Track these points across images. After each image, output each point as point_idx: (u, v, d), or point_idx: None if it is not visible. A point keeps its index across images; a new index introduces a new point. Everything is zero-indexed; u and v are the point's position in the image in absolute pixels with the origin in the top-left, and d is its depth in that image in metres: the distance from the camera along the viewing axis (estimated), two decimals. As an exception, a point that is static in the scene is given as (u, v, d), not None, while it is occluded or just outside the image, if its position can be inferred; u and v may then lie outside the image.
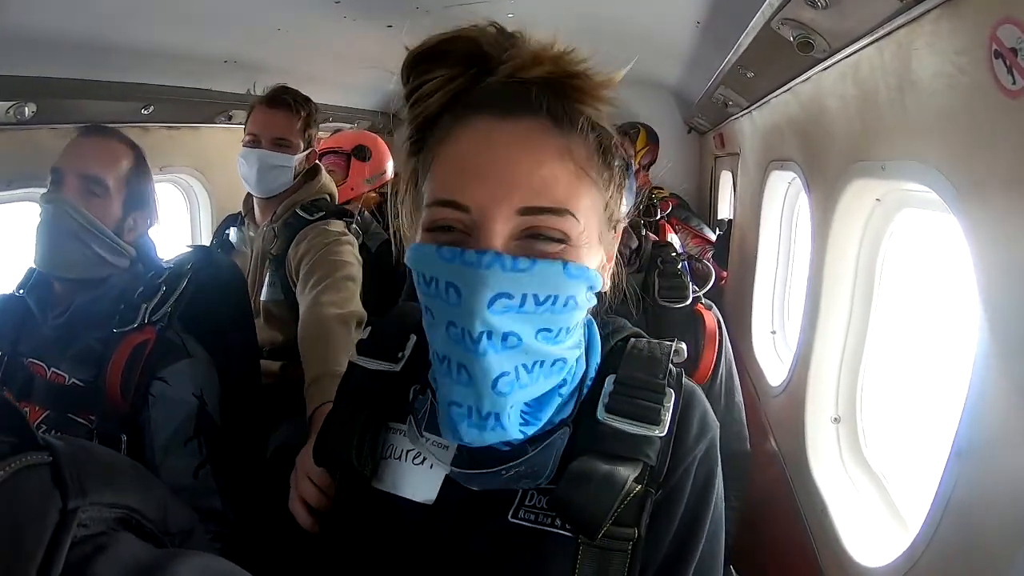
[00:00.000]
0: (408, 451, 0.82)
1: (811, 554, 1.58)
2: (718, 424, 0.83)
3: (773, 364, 2.50)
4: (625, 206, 0.82)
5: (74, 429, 1.33)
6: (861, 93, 1.42)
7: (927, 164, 1.17)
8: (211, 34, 2.03)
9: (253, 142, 2.12)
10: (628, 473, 0.72)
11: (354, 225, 2.22)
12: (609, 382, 0.80)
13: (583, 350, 0.80)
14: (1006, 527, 0.86)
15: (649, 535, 0.75)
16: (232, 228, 2.31)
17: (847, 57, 1.41)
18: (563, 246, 0.70)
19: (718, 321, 1.52)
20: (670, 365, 0.82)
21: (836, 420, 1.74)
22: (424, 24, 0.72)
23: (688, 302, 1.52)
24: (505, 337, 0.67)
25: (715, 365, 1.49)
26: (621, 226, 0.82)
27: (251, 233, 2.25)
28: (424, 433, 0.80)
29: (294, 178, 2.18)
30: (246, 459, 1.58)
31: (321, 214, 2.16)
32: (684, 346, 0.85)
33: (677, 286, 1.54)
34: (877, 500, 1.56)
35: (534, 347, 0.69)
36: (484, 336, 0.66)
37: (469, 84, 0.73)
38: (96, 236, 1.43)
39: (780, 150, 2.32)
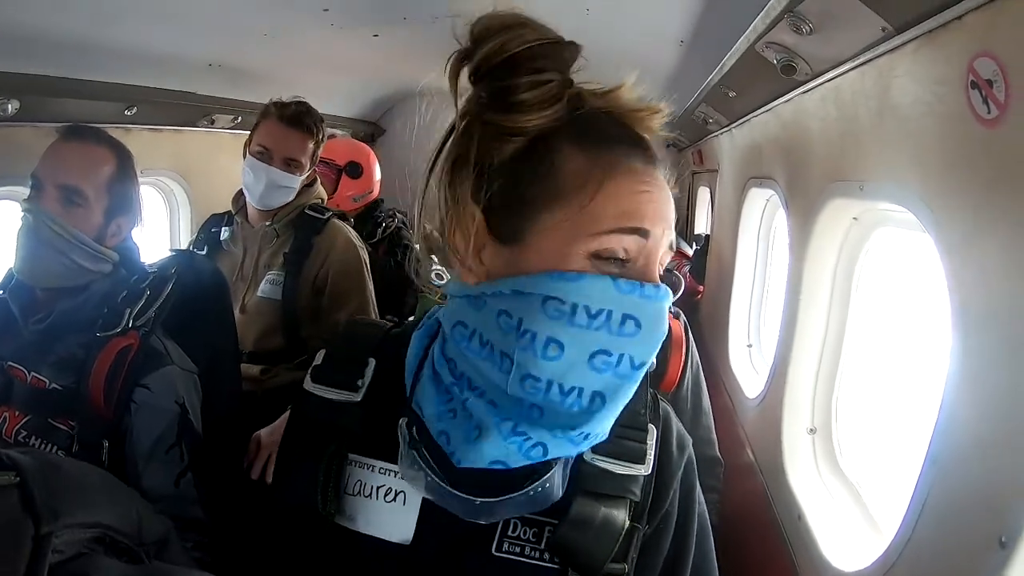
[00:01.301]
0: (379, 487, 0.77)
1: (788, 560, 1.62)
2: (691, 441, 0.85)
3: (749, 376, 2.56)
4: None
5: (55, 435, 1.31)
6: (842, 116, 1.48)
7: (904, 186, 1.23)
8: (197, 37, 2.02)
9: (263, 156, 2.11)
10: (622, 515, 0.73)
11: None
12: None
13: None
14: (979, 531, 0.90)
15: (639, 566, 0.76)
16: (225, 227, 2.29)
17: (829, 81, 1.47)
18: None
19: (685, 328, 1.55)
20: (648, 391, 0.81)
21: (812, 431, 1.79)
22: (409, 34, 0.71)
23: None
24: (641, 367, 0.68)
25: (682, 372, 1.52)
26: None
27: (244, 232, 2.25)
28: (420, 463, 0.73)
29: (298, 191, 2.22)
30: (227, 467, 1.57)
31: (330, 213, 2.24)
32: (653, 360, 0.86)
33: None
34: (852, 507, 1.62)
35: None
36: (646, 366, 0.67)
37: (571, 105, 0.71)
38: (76, 247, 1.39)
39: (759, 168, 2.39)
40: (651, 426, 0.79)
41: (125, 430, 1.35)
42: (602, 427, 0.69)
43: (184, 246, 2.69)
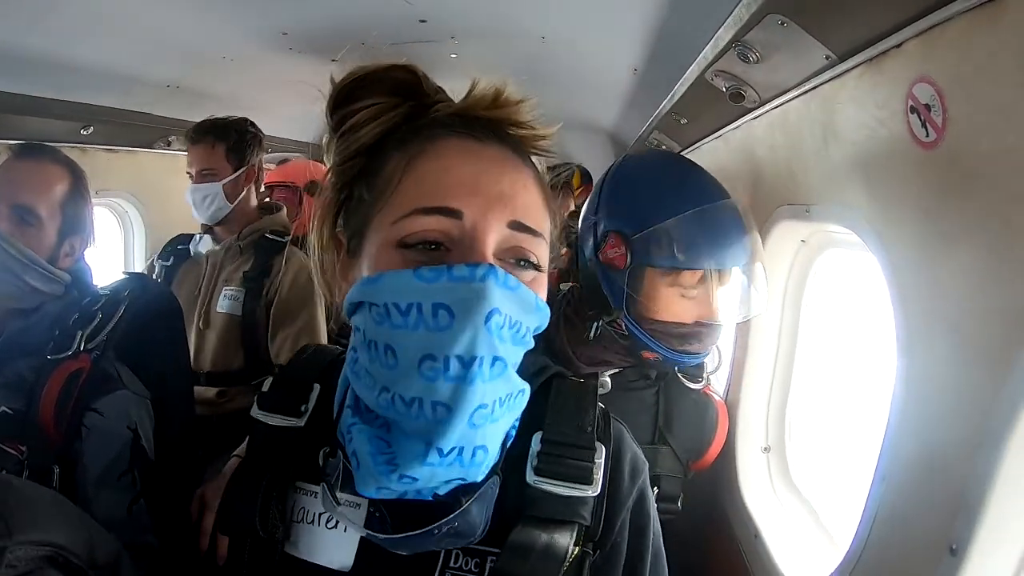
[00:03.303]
0: (320, 514, 0.76)
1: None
2: (646, 463, 0.83)
3: (704, 397, 2.58)
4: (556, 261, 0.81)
5: (4, 459, 1.24)
6: (789, 141, 1.53)
7: (850, 208, 1.27)
8: (156, 58, 2.00)
9: (191, 177, 2.27)
10: (566, 540, 0.70)
11: None
12: (536, 440, 0.76)
13: None
14: (930, 540, 0.92)
15: None
16: (205, 235, 2.37)
17: (776, 108, 1.52)
18: (536, 275, 0.69)
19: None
20: (597, 410, 0.80)
21: (766, 450, 1.82)
22: (367, 61, 0.72)
23: (703, 383, 1.51)
24: (493, 362, 0.61)
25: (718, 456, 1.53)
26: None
27: (215, 246, 2.33)
28: (339, 494, 0.72)
29: (233, 199, 2.28)
30: (180, 494, 1.51)
31: (289, 238, 2.31)
32: (607, 379, 0.85)
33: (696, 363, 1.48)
34: (808, 523, 1.64)
35: (510, 377, 0.65)
36: (477, 361, 0.60)
37: (408, 116, 0.73)
38: (29, 268, 1.36)
39: (711, 193, 2.44)
40: (599, 445, 0.76)
41: (76, 455, 1.29)
42: (468, 440, 0.62)
43: (139, 268, 2.69)
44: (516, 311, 0.64)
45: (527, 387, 0.69)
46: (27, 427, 1.27)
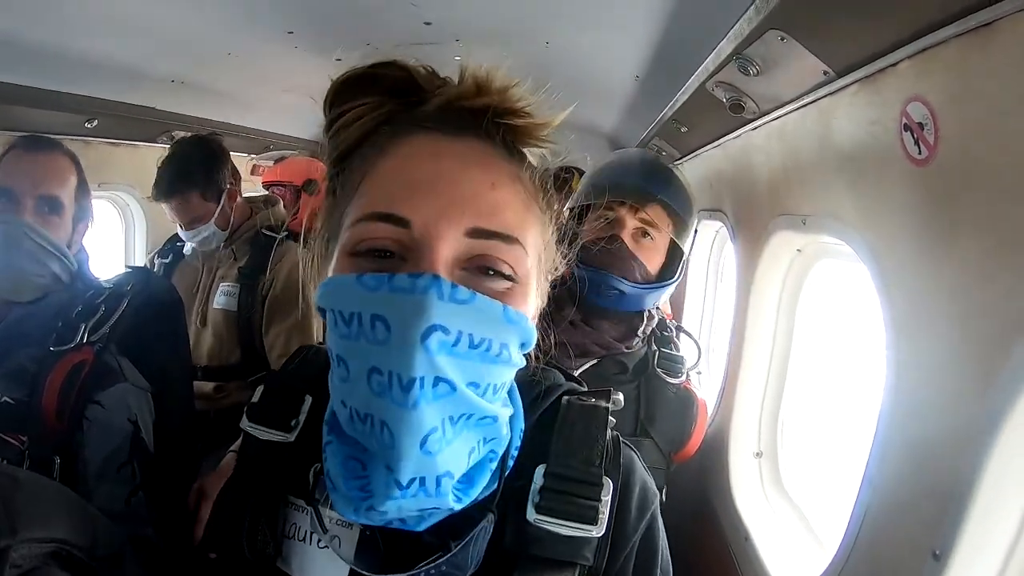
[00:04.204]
0: (311, 532, 0.72)
1: (735, 579, 1.66)
2: (657, 493, 0.77)
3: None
4: (562, 265, 0.77)
5: (5, 450, 1.26)
6: (786, 153, 1.56)
7: (843, 220, 1.30)
8: (161, 53, 2.01)
9: (180, 226, 2.26)
10: None
11: None
12: (539, 475, 0.70)
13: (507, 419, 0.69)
14: (914, 545, 0.94)
15: None
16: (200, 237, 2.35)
17: (775, 120, 1.54)
18: (510, 285, 0.62)
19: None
20: (607, 438, 0.73)
21: (758, 455, 1.85)
22: (371, 60, 0.69)
23: (683, 377, 1.57)
24: (436, 383, 0.56)
25: (699, 447, 1.57)
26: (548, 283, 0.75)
27: (212, 246, 2.33)
28: (331, 512, 0.68)
29: (227, 223, 2.31)
30: (178, 487, 1.53)
31: (285, 233, 2.31)
32: (620, 396, 0.79)
33: (674, 358, 1.58)
34: (797, 527, 1.67)
35: (464, 398, 0.58)
36: (417, 383, 0.54)
37: (393, 114, 0.68)
38: (55, 257, 1.40)
39: (709, 200, 2.47)
40: (607, 480, 0.70)
41: (77, 447, 1.31)
42: (428, 470, 0.57)
43: (140, 262, 2.69)
44: (475, 326, 0.58)
45: (503, 414, 0.65)
46: (29, 418, 1.29)
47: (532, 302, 0.66)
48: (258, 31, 1.98)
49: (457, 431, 0.59)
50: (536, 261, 0.67)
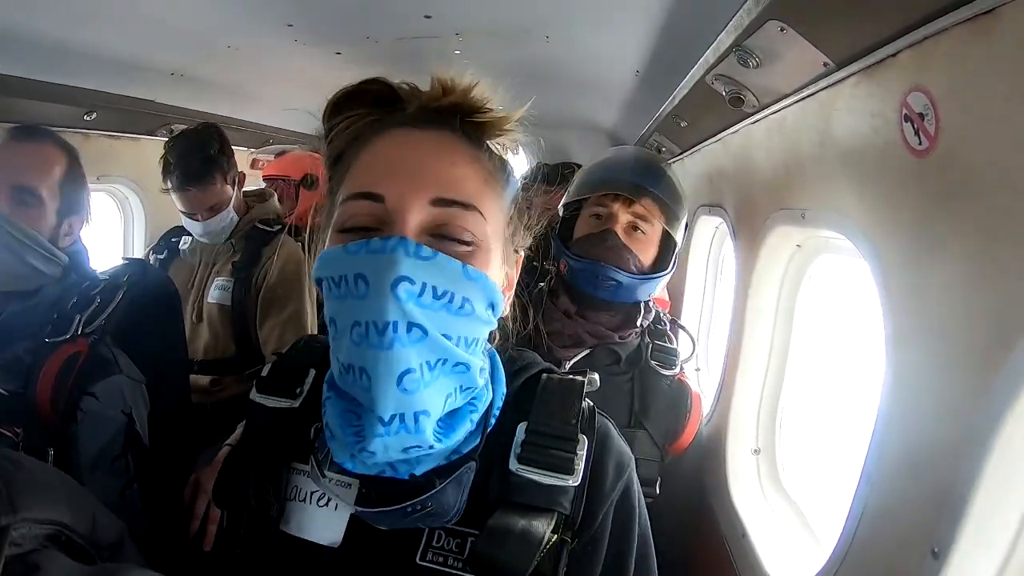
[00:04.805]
0: (312, 492, 0.80)
1: (733, 575, 1.65)
2: (632, 458, 0.85)
3: (696, 398, 2.60)
4: (526, 239, 0.88)
5: None
6: (786, 146, 1.55)
7: (843, 214, 1.29)
8: (161, 45, 2.00)
9: (191, 216, 2.24)
10: (544, 527, 0.72)
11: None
12: (521, 430, 0.79)
13: (488, 377, 0.80)
14: (912, 542, 0.93)
15: None
16: (185, 237, 2.37)
17: (774, 113, 1.53)
18: (470, 249, 0.72)
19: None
20: (583, 404, 0.83)
21: (756, 452, 1.84)
22: (372, 54, 0.78)
23: (677, 369, 1.58)
24: (410, 328, 0.65)
25: (694, 438, 1.59)
26: (520, 256, 0.87)
27: (201, 245, 2.33)
28: (327, 472, 0.77)
29: (241, 205, 2.33)
30: (173, 480, 1.53)
31: (279, 227, 2.31)
32: (596, 376, 0.87)
33: (668, 351, 1.60)
34: (794, 524, 1.66)
35: (438, 343, 0.68)
36: (391, 327, 0.64)
37: (382, 118, 0.78)
38: (31, 248, 1.38)
39: (709, 196, 2.46)
40: (583, 436, 0.79)
41: (71, 438, 1.31)
42: (406, 406, 0.66)
43: (138, 255, 2.69)
44: (438, 279, 0.68)
45: (475, 363, 0.73)
46: (23, 409, 1.29)
47: (495, 266, 0.76)
48: (258, 24, 1.98)
49: (435, 376, 0.68)
50: (498, 230, 0.77)
